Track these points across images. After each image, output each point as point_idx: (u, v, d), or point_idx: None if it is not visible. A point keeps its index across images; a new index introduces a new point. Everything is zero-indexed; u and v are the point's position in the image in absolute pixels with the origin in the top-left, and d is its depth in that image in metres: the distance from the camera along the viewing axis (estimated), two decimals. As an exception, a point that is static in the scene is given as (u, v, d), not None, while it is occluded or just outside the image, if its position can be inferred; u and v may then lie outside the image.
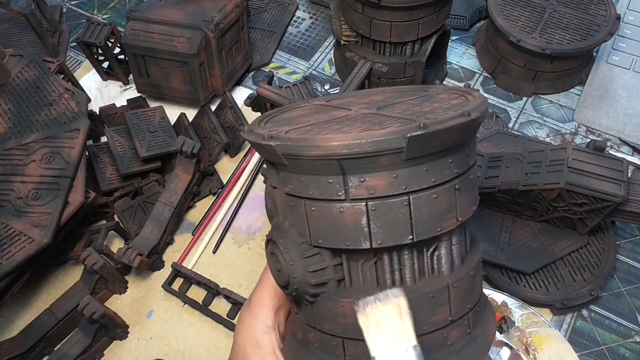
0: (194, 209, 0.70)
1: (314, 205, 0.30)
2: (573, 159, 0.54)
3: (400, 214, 0.29)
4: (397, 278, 0.31)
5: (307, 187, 0.30)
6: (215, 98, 0.77)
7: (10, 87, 0.62)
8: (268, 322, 0.37)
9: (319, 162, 0.28)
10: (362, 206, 0.29)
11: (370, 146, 0.27)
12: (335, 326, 0.32)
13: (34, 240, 0.54)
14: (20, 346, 0.57)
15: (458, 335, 0.32)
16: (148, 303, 0.63)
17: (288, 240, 0.32)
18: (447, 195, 0.30)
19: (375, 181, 0.28)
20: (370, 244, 0.29)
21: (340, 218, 0.30)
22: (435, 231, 0.30)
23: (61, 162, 0.58)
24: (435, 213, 0.29)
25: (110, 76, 0.81)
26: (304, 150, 0.28)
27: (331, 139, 0.27)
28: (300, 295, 0.33)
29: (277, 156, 0.30)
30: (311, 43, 0.86)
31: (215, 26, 0.69)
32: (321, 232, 0.31)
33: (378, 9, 0.65)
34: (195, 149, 0.64)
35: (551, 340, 0.56)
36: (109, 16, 0.92)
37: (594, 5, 0.75)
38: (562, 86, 0.78)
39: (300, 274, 0.31)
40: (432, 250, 0.31)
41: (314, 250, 0.31)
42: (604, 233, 0.62)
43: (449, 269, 0.32)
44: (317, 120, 0.33)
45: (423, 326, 0.31)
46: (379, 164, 0.28)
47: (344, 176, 0.29)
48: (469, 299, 0.32)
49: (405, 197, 0.29)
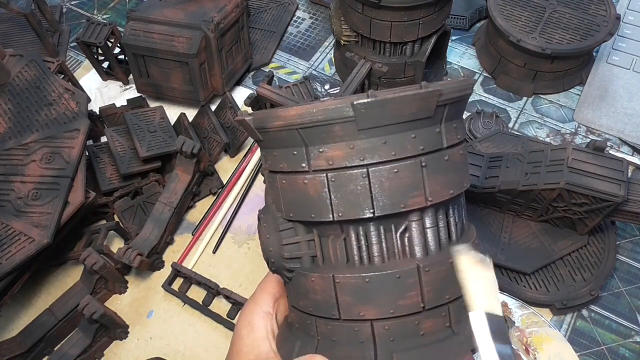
0: (194, 209, 0.70)
1: (284, 178, 0.31)
2: (573, 159, 0.54)
3: (360, 187, 0.29)
4: (365, 256, 0.31)
5: (278, 160, 0.31)
6: (215, 98, 0.77)
7: (10, 87, 0.62)
8: (266, 309, 0.38)
9: (283, 134, 0.30)
10: (323, 177, 0.30)
11: (321, 114, 0.28)
12: (308, 303, 0.33)
13: (34, 240, 0.54)
14: (20, 346, 0.57)
15: (433, 327, 0.31)
16: (148, 303, 0.63)
17: (268, 216, 0.33)
18: (410, 171, 0.29)
19: (333, 152, 0.29)
20: (332, 216, 0.30)
21: (305, 190, 0.30)
22: (399, 207, 0.30)
23: (61, 162, 0.58)
24: (398, 189, 0.29)
25: (110, 76, 0.81)
26: (268, 122, 0.30)
27: (289, 110, 0.29)
28: (278, 270, 0.34)
29: (253, 131, 0.31)
30: (311, 43, 0.86)
31: (215, 26, 0.69)
32: (291, 205, 0.32)
33: (378, 9, 0.65)
34: (195, 149, 0.64)
35: (551, 340, 0.56)
36: (109, 16, 0.92)
37: (594, 5, 0.75)
38: (562, 86, 0.78)
39: (275, 247, 0.33)
40: (402, 230, 0.31)
41: (288, 225, 0.32)
42: (604, 233, 0.62)
43: (422, 252, 0.31)
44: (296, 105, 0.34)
45: (389, 309, 0.30)
46: (334, 134, 0.29)
47: (306, 147, 0.30)
48: (449, 289, 0.31)
49: (364, 169, 0.29)
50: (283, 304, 0.39)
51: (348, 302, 0.31)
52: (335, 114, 0.28)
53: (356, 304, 0.31)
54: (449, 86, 0.29)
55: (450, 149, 0.31)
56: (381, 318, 0.31)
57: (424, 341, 0.31)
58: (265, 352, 0.36)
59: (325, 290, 0.31)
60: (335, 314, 0.31)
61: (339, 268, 0.32)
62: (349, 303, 0.31)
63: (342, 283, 0.31)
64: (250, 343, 0.37)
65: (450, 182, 0.31)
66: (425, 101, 0.29)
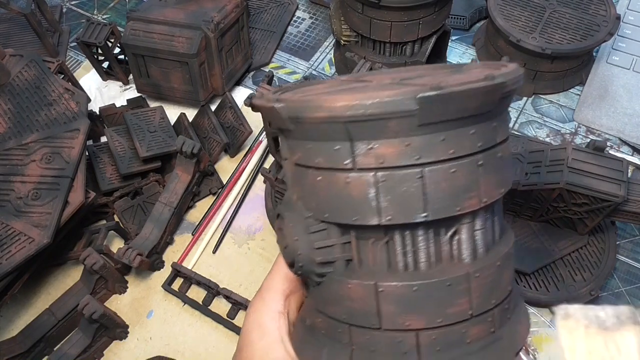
0: (194, 209, 0.70)
1: (320, 175, 0.28)
2: (573, 159, 0.54)
3: (413, 188, 0.26)
4: (411, 261, 0.28)
5: (313, 154, 0.28)
6: (215, 98, 0.77)
7: (10, 87, 0.62)
8: (277, 308, 0.34)
9: (323, 126, 0.26)
10: (371, 177, 0.26)
11: (376, 108, 0.24)
12: (341, 310, 0.30)
13: (34, 240, 0.54)
14: (20, 346, 0.57)
15: (480, 333, 0.29)
16: (148, 303, 0.63)
17: (294, 214, 0.30)
18: (467, 170, 0.27)
19: (385, 149, 0.26)
20: (379, 219, 0.27)
21: (347, 189, 0.27)
22: (454, 210, 0.27)
23: (61, 162, 0.58)
24: (454, 190, 0.27)
25: (110, 76, 0.81)
26: (307, 112, 0.26)
27: (335, 100, 0.25)
28: (306, 274, 0.30)
29: (282, 120, 0.27)
30: (311, 43, 0.86)
31: (215, 26, 0.69)
32: (327, 206, 0.28)
33: (378, 9, 0.65)
34: (195, 149, 0.64)
35: (551, 340, 0.56)
36: (109, 16, 0.92)
37: (594, 5, 0.75)
38: (562, 86, 0.78)
39: (305, 251, 0.29)
40: (451, 233, 0.28)
41: (321, 226, 0.29)
42: (604, 233, 0.62)
43: (471, 256, 0.29)
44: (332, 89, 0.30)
45: (437, 318, 0.28)
46: (389, 129, 0.25)
47: (351, 142, 0.26)
48: (494, 293, 0.29)
49: (419, 168, 0.26)
50: (294, 301, 0.36)
51: (392, 312, 0.28)
52: (394, 107, 0.24)
53: (401, 313, 0.28)
54: (510, 77, 0.26)
55: (502, 145, 0.29)
56: (428, 328, 0.28)
57: (470, 349, 0.29)
58: (282, 358, 0.33)
59: (365, 299, 0.28)
60: (376, 324, 0.29)
61: (380, 274, 0.29)
62: (393, 312, 0.28)
63: (386, 292, 0.28)
64: (263, 347, 0.33)
65: (501, 181, 0.29)
66: (491, 94, 0.26)
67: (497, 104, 0.27)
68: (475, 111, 0.26)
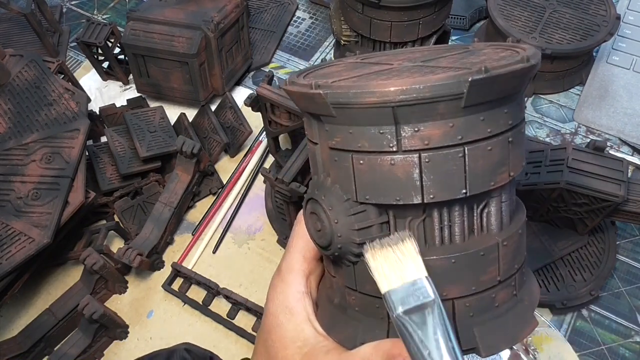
0: (194, 209, 0.70)
1: (362, 159, 0.29)
2: (573, 159, 0.54)
3: (455, 166, 0.28)
4: (447, 235, 0.30)
5: (356, 139, 0.28)
6: (215, 98, 0.77)
7: (10, 87, 0.62)
8: (300, 288, 0.35)
9: (371, 111, 0.27)
10: (415, 158, 0.28)
11: (428, 91, 0.26)
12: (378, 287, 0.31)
13: (34, 240, 0.54)
14: (20, 346, 0.57)
15: (505, 297, 0.31)
16: (148, 303, 0.63)
17: (332, 198, 0.30)
18: (501, 147, 0.29)
19: (431, 130, 0.27)
20: (422, 198, 0.28)
21: (391, 171, 0.28)
22: (489, 185, 0.29)
23: (61, 162, 0.58)
24: (490, 166, 0.28)
25: (110, 76, 0.81)
26: (357, 98, 0.27)
27: (387, 84, 0.26)
28: (343, 255, 0.31)
29: (325, 106, 0.28)
30: (311, 43, 0.86)
31: (215, 26, 0.69)
32: (369, 187, 0.29)
33: (378, 9, 0.65)
34: (195, 149, 0.64)
35: (551, 340, 0.56)
36: (109, 16, 0.92)
37: (594, 5, 0.75)
38: (562, 86, 0.78)
39: (345, 233, 0.30)
40: (482, 206, 0.30)
41: (360, 207, 0.30)
42: (604, 233, 0.62)
43: (499, 226, 0.31)
44: (361, 73, 0.31)
45: (472, 286, 0.30)
46: (436, 112, 0.27)
47: (397, 126, 0.27)
48: (517, 258, 0.31)
49: (461, 148, 0.27)
50: (313, 280, 0.36)
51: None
52: (445, 90, 0.26)
53: (439, 285, 0.29)
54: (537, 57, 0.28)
55: (523, 122, 0.31)
56: (463, 296, 0.30)
57: (498, 312, 0.31)
58: (313, 337, 0.33)
59: None
60: None
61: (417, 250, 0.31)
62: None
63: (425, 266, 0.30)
64: (293, 328, 0.34)
65: (523, 155, 0.31)
66: (525, 75, 0.28)
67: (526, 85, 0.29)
68: (512, 91, 0.28)
